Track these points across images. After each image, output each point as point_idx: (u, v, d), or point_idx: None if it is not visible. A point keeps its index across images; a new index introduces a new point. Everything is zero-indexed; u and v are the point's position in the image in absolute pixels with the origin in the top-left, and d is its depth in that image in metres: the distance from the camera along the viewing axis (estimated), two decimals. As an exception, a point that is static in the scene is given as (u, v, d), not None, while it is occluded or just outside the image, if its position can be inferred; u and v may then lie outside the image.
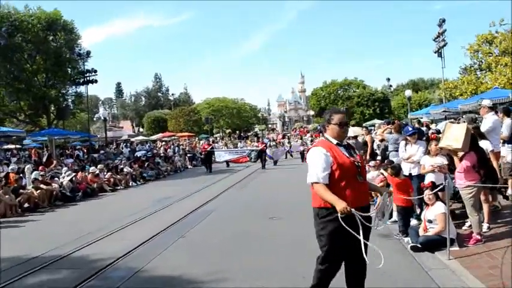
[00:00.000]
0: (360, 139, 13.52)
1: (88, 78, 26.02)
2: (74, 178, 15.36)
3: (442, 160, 7.35)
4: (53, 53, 24.87)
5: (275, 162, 24.44)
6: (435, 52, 25.12)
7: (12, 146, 28.09)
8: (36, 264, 6.56)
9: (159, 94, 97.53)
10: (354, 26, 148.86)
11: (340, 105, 49.93)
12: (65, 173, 15.93)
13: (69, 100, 27.13)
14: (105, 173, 17.79)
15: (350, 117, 46.00)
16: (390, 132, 11.80)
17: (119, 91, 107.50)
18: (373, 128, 19.98)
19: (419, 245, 6.25)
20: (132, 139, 42.56)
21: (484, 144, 6.81)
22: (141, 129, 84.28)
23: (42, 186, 13.55)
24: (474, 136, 6.20)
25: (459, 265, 5.55)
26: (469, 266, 5.45)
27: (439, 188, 6.36)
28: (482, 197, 6.81)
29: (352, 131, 14.71)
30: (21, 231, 9.91)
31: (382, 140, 12.90)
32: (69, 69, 26.56)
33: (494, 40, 23.12)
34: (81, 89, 27.88)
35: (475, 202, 6.14)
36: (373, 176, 10.98)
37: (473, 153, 5.91)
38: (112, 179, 17.62)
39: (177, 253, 6.86)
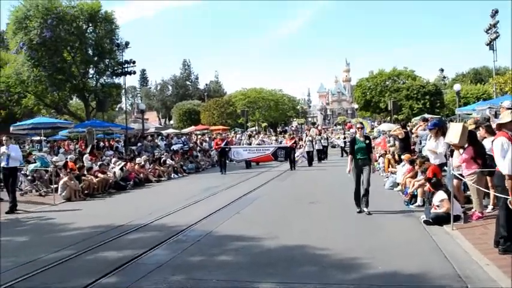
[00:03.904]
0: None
1: (126, 69, 29.55)
2: (124, 168, 18.61)
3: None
4: (94, 44, 28.55)
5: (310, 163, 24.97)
6: (487, 44, 27.15)
7: (37, 138, 31.68)
8: (125, 229, 9.61)
9: (188, 83, 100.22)
10: (409, 7, 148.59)
11: (387, 97, 51.85)
12: (114, 163, 19.25)
13: (107, 92, 30.58)
14: (150, 165, 21.09)
15: (398, 111, 47.86)
16: (424, 129, 14.41)
17: (144, 79, 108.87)
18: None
19: (430, 220, 8.97)
20: (163, 132, 46.18)
21: (489, 140, 9.37)
22: (168, 121, 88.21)
23: (99, 174, 16.85)
24: (473, 133, 8.83)
25: (458, 233, 8.21)
26: (466, 233, 8.10)
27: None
28: (489, 183, 9.45)
29: (387, 126, 17.41)
30: (93, 210, 13.06)
31: (417, 136, 15.61)
32: (106, 60, 30.07)
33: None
34: (118, 79, 31.51)
35: (477, 187, 8.76)
36: (407, 168, 13.72)
37: (471, 147, 8.56)
38: (156, 171, 20.87)
39: (236, 222, 9.88)
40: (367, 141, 10.61)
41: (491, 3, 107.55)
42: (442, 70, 78.60)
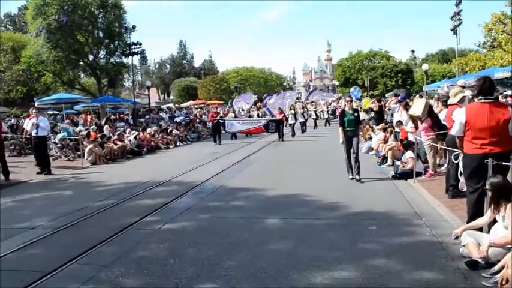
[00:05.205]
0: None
1: (133, 50, 30.30)
2: (137, 137, 19.59)
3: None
4: (105, 28, 29.20)
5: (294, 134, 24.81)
6: (451, 30, 28.24)
7: (50, 112, 32.39)
8: (150, 185, 10.67)
9: (184, 61, 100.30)
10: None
11: (364, 75, 52.93)
12: (128, 132, 20.22)
13: (117, 70, 31.40)
14: (159, 134, 22.10)
15: (373, 87, 48.98)
16: (396, 103, 15.57)
17: (143, 58, 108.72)
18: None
19: (397, 175, 10.19)
20: (164, 106, 47.05)
21: (444, 113, 10.52)
22: (167, 97, 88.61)
23: (118, 142, 17.83)
24: (431, 107, 9.99)
25: (419, 185, 9.44)
26: (424, 185, 9.33)
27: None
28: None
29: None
30: (117, 171, 14.07)
31: (389, 109, 16.76)
32: (116, 42, 30.74)
33: (506, 20, 25.83)
34: (126, 59, 32.29)
35: (432, 150, 9.95)
36: (380, 136, 14.89)
37: (429, 118, 9.73)
38: (164, 139, 21.89)
39: (241, 179, 11.05)
40: (356, 114, 10.37)
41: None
42: (413, 51, 79.79)
